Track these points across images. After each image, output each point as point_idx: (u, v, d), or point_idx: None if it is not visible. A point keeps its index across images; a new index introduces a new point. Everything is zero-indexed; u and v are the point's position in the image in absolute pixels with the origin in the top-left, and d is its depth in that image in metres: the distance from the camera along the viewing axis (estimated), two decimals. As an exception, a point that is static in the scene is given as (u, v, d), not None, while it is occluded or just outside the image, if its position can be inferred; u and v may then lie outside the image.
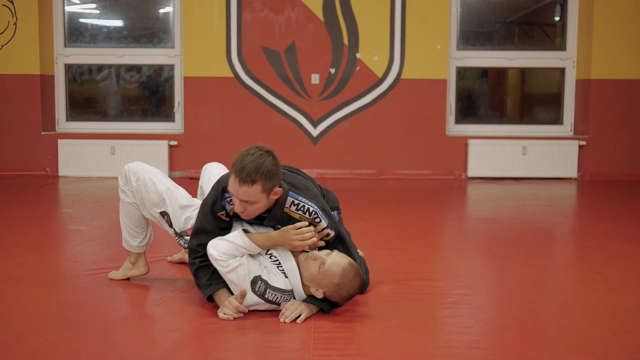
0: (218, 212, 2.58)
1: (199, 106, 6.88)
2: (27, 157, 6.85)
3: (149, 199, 2.80)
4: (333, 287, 2.46)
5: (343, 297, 2.50)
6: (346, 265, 2.48)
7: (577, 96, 7.08)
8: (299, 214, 2.57)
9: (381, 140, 6.94)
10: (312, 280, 2.49)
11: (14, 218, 4.55)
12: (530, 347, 2.25)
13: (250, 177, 2.39)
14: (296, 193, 2.58)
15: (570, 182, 6.78)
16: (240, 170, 2.40)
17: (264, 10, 6.81)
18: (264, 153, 2.45)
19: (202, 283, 2.58)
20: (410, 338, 2.33)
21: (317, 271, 2.47)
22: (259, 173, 2.40)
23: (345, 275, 2.46)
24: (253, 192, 2.42)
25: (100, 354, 2.20)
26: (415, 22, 6.83)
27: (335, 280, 2.45)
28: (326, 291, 2.48)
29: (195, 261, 2.60)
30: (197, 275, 2.60)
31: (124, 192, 2.86)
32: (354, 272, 2.48)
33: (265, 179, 2.41)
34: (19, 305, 2.65)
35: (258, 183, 2.40)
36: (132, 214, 2.89)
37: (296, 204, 2.56)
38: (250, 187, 2.40)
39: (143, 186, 2.81)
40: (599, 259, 3.53)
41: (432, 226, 4.56)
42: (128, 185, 2.84)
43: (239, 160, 2.43)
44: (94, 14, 7.21)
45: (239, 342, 2.32)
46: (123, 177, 2.86)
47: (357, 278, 2.49)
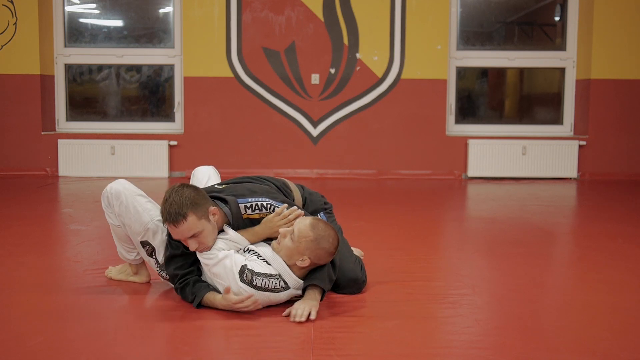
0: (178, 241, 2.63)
1: (199, 106, 6.88)
2: (27, 157, 6.85)
3: (131, 227, 2.73)
4: (312, 245, 2.49)
5: (327, 250, 2.51)
6: (311, 220, 2.55)
7: (577, 96, 7.08)
8: (257, 214, 2.66)
9: (381, 140, 6.94)
10: (292, 254, 2.51)
11: (14, 218, 4.55)
12: (530, 347, 2.25)
13: (180, 214, 2.48)
14: (243, 198, 2.66)
15: (570, 182, 6.78)
16: (168, 215, 2.50)
17: (264, 10, 6.81)
18: (178, 189, 2.54)
19: (189, 297, 2.63)
20: (410, 338, 2.33)
21: (292, 242, 2.51)
22: (184, 206, 2.48)
23: (315, 227, 2.51)
24: (192, 225, 2.50)
25: (100, 354, 2.19)
26: (415, 22, 6.83)
27: (310, 237, 2.49)
28: (310, 254, 2.50)
29: (176, 285, 2.67)
30: (183, 294, 2.66)
31: (107, 214, 2.80)
32: (321, 223, 2.55)
33: (193, 208, 2.50)
34: (19, 305, 2.65)
35: (190, 214, 2.49)
36: (121, 234, 2.82)
37: (249, 206, 2.65)
38: (185, 222, 2.49)
39: (125, 213, 2.72)
40: (599, 259, 3.53)
41: (432, 226, 4.56)
42: (110, 208, 2.76)
43: (162, 209, 2.53)
44: (94, 14, 7.21)
45: (239, 342, 2.32)
46: (105, 199, 2.76)
47: (328, 227, 2.54)
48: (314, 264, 2.55)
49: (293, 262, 2.53)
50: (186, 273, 2.65)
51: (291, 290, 2.56)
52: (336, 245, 2.55)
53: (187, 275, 2.65)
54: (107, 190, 2.76)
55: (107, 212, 2.80)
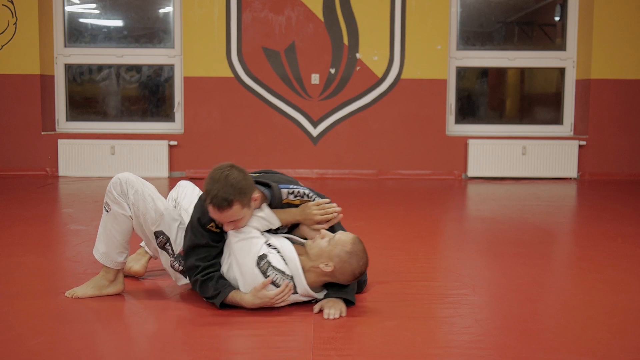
0: (207, 224, 2.59)
1: (199, 106, 6.88)
2: (27, 157, 6.85)
3: (146, 216, 2.66)
4: (345, 256, 2.49)
5: (353, 269, 2.51)
6: (355, 237, 2.57)
7: (577, 96, 7.08)
8: (298, 199, 2.69)
9: (381, 140, 6.94)
10: (321, 255, 2.52)
11: (14, 218, 4.55)
12: (530, 347, 2.25)
13: (227, 201, 2.46)
14: (285, 185, 2.69)
15: (570, 182, 6.78)
16: (214, 199, 2.46)
17: (264, 10, 6.81)
18: (227, 171, 2.50)
19: (211, 294, 2.56)
20: (410, 338, 2.33)
21: (327, 244, 2.53)
22: (233, 194, 2.46)
23: (356, 244, 2.53)
24: (235, 212, 2.49)
25: (100, 354, 2.19)
26: (415, 22, 6.83)
27: (347, 248, 2.50)
28: (336, 263, 2.49)
29: (197, 277, 2.58)
30: (203, 288, 2.58)
31: (118, 203, 2.65)
32: (362, 245, 2.55)
33: (240, 196, 2.48)
34: (19, 305, 2.64)
35: (235, 203, 2.47)
36: (125, 227, 2.69)
37: (291, 192, 2.68)
38: (230, 209, 2.47)
39: (141, 201, 2.66)
40: (599, 259, 3.53)
41: (432, 226, 4.56)
42: (124, 197, 2.65)
43: (208, 190, 2.48)
44: (94, 14, 7.21)
45: (240, 342, 2.32)
46: (118, 188, 2.66)
47: (365, 253, 2.55)
48: (333, 276, 2.54)
49: (316, 265, 2.52)
50: (209, 266, 2.59)
51: (297, 296, 2.56)
52: (362, 272, 2.55)
53: (210, 269, 2.58)
54: (119, 179, 2.67)
55: (119, 202, 2.65)
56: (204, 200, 2.55)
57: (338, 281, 2.56)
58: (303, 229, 2.73)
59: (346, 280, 2.55)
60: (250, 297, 2.52)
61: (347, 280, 2.55)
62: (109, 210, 2.69)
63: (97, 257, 2.75)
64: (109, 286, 2.76)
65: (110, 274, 2.75)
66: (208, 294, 2.57)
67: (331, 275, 2.53)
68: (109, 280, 2.75)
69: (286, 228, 2.76)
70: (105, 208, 2.70)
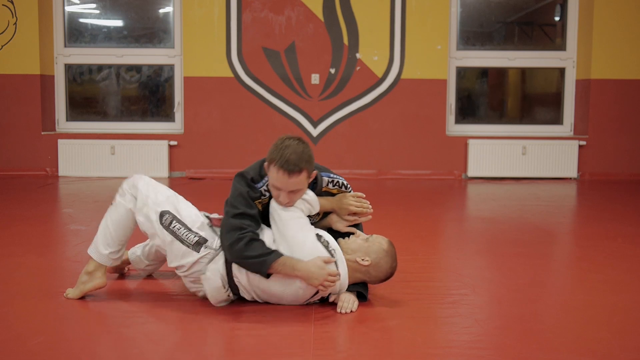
0: (256, 199, 2.59)
1: (199, 106, 6.88)
2: (27, 157, 6.85)
3: (154, 199, 2.65)
4: (382, 254, 2.59)
5: (386, 268, 2.59)
6: (389, 240, 2.66)
7: (577, 96, 7.08)
8: (336, 189, 2.76)
9: (381, 140, 6.94)
10: (360, 250, 2.60)
11: (14, 218, 4.55)
12: (530, 347, 2.25)
13: (298, 167, 2.49)
14: (326, 173, 2.75)
15: (570, 182, 6.78)
16: (287, 163, 2.48)
17: (264, 10, 6.81)
18: (298, 141, 2.55)
19: (260, 252, 2.46)
20: (410, 338, 2.33)
21: (364, 241, 2.61)
22: (303, 161, 2.50)
23: (391, 246, 2.63)
24: (301, 180, 2.53)
25: (100, 354, 2.20)
26: (415, 22, 6.83)
27: (384, 247, 2.61)
28: (373, 259, 2.58)
29: (245, 234, 2.48)
30: (252, 247, 2.47)
31: (123, 195, 2.70)
32: (394, 248, 2.65)
33: (308, 165, 2.53)
34: (19, 305, 2.64)
35: (304, 171, 2.52)
36: (121, 219, 2.68)
37: (331, 180, 2.75)
38: (299, 176, 2.51)
39: (151, 188, 2.69)
40: (599, 259, 3.53)
41: (432, 226, 4.56)
42: (132, 188, 2.70)
43: (279, 154, 2.49)
44: (94, 14, 7.21)
45: (239, 342, 2.32)
46: (129, 182, 2.73)
47: (396, 261, 2.64)
48: (367, 273, 2.59)
49: (353, 259, 2.58)
50: (253, 231, 2.53)
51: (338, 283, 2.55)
52: (393, 273, 2.65)
53: (254, 234, 2.52)
54: (134, 176, 2.75)
55: (125, 194, 2.69)
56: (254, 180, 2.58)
57: (369, 279, 2.62)
58: (333, 219, 2.76)
59: (377, 279, 2.63)
60: (307, 264, 2.47)
61: (378, 279, 2.63)
62: (112, 203, 2.73)
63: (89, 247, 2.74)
64: (88, 281, 2.70)
65: (90, 266, 2.70)
66: (257, 252, 2.46)
67: (365, 271, 2.59)
68: (87, 273, 2.70)
69: (318, 216, 2.77)
70: (112, 202, 2.74)
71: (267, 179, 2.60)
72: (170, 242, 2.61)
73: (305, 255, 2.50)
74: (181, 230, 2.60)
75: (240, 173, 2.63)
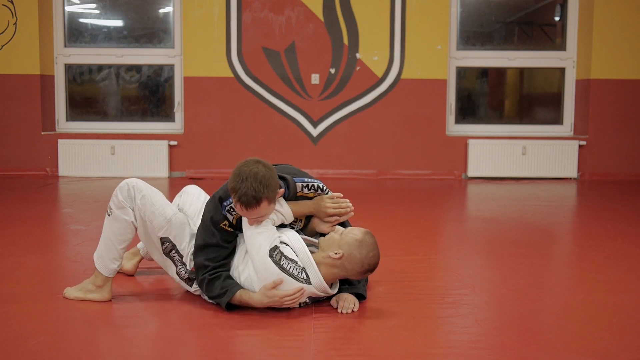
0: (220, 222, 2.58)
1: (199, 106, 6.88)
2: (27, 157, 6.85)
3: (152, 222, 2.64)
4: (354, 244, 2.52)
5: (362, 258, 2.51)
6: (367, 230, 2.59)
7: (577, 96, 7.08)
8: (312, 192, 2.72)
9: (381, 140, 6.94)
10: (332, 245, 2.55)
11: (14, 218, 4.55)
12: (530, 347, 2.25)
13: (256, 200, 2.45)
14: (299, 178, 2.71)
15: (570, 182, 6.78)
16: (244, 196, 2.44)
17: (264, 10, 6.81)
18: (254, 168, 2.47)
19: (217, 292, 2.54)
20: (410, 338, 2.33)
21: (339, 236, 2.57)
22: (260, 192, 2.44)
23: (367, 235, 2.56)
24: (263, 209, 2.49)
25: (101, 354, 2.19)
26: (415, 22, 6.83)
27: (357, 237, 2.54)
28: (345, 250, 2.51)
29: (204, 276, 2.56)
30: (210, 287, 2.55)
31: (122, 208, 2.63)
32: (373, 239, 2.57)
33: (268, 192, 2.47)
34: (19, 305, 2.64)
35: (263, 201, 2.47)
36: (124, 232, 2.65)
37: (305, 185, 2.70)
38: (258, 207, 2.47)
39: (149, 206, 2.63)
40: (599, 259, 3.53)
41: (432, 226, 4.56)
42: (130, 201, 2.63)
43: (237, 188, 2.45)
44: (94, 14, 7.21)
45: (240, 342, 2.32)
46: (124, 192, 2.63)
47: (376, 246, 2.57)
48: (343, 267, 2.53)
49: (327, 254, 2.53)
50: (218, 266, 2.56)
51: (311, 287, 2.53)
52: (372, 263, 2.55)
53: (219, 269, 2.56)
54: (127, 184, 2.64)
55: (123, 206, 2.63)
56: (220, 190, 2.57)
57: (348, 273, 2.55)
58: (315, 222, 2.75)
59: (356, 272, 2.54)
60: (259, 295, 2.50)
61: (357, 272, 2.55)
62: (110, 214, 2.66)
63: (94, 258, 2.71)
64: (95, 291, 2.69)
65: (98, 279, 2.68)
66: (214, 293, 2.54)
67: (340, 264, 2.52)
68: (95, 285, 2.69)
69: (301, 222, 2.76)
70: (107, 212, 2.67)
71: None
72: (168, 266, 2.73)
73: (261, 279, 2.51)
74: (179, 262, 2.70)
75: (213, 195, 2.63)
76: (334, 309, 2.61)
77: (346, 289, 2.66)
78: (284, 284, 2.49)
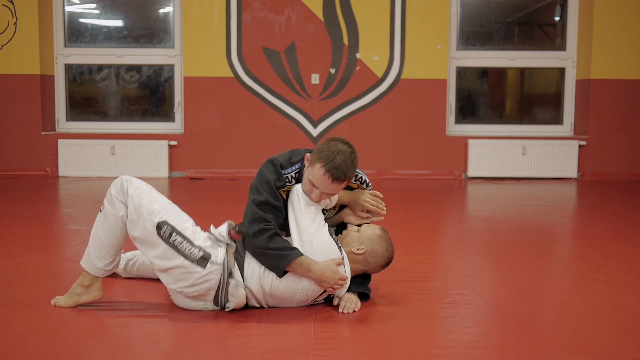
0: (281, 188, 2.58)
1: (199, 106, 6.88)
2: (27, 157, 6.85)
3: (148, 207, 2.49)
4: (376, 239, 2.60)
5: (383, 253, 2.59)
6: (381, 227, 2.66)
7: (577, 96, 7.08)
8: (357, 184, 2.75)
9: (381, 140, 6.94)
10: (353, 241, 2.61)
11: (14, 218, 4.55)
12: (530, 347, 2.25)
13: (345, 175, 2.50)
14: None
15: (570, 182, 6.78)
16: (336, 169, 2.46)
17: (264, 10, 6.81)
18: (350, 148, 2.53)
19: (285, 247, 2.44)
20: (410, 338, 2.33)
21: (357, 233, 2.62)
22: (350, 170, 2.50)
23: (384, 231, 2.65)
24: (341, 187, 2.54)
25: (100, 354, 2.19)
26: (415, 22, 6.83)
27: (377, 232, 2.62)
28: (368, 245, 2.58)
29: (269, 227, 2.45)
30: (275, 240, 2.45)
31: (112, 203, 2.52)
32: (388, 234, 2.65)
33: (353, 173, 2.54)
34: (19, 306, 2.64)
35: (348, 179, 2.52)
36: (112, 229, 2.53)
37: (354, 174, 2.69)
38: (342, 183, 2.52)
39: (145, 195, 2.52)
40: (599, 259, 3.53)
41: (432, 226, 4.56)
42: (122, 195, 2.52)
43: (330, 156, 2.47)
44: (94, 14, 7.21)
45: (240, 342, 2.32)
46: (118, 186, 2.54)
47: (392, 245, 2.64)
48: (365, 262, 2.59)
49: (349, 250, 2.59)
50: (276, 224, 2.51)
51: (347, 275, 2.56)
52: (391, 258, 2.64)
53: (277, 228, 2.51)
54: (121, 179, 2.56)
55: (114, 201, 2.51)
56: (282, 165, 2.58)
57: (370, 267, 2.61)
58: (346, 213, 2.77)
59: (378, 265, 2.62)
60: (323, 266, 2.47)
61: (379, 265, 2.62)
62: (101, 211, 2.57)
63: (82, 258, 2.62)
64: (84, 294, 2.60)
65: (86, 279, 2.59)
66: (280, 245, 2.44)
67: (363, 259, 2.59)
68: (83, 286, 2.60)
69: (334, 210, 2.77)
70: (100, 209, 2.59)
71: (296, 167, 2.60)
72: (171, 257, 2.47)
73: (315, 249, 2.50)
74: (183, 244, 2.47)
75: (270, 159, 2.63)
76: (335, 307, 2.61)
77: (352, 287, 2.65)
78: (340, 267, 2.53)
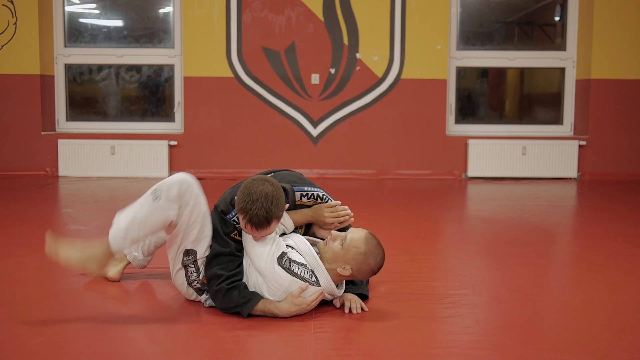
0: (231, 233, 2.56)
1: (199, 106, 6.88)
2: (27, 157, 6.85)
3: (190, 232, 2.51)
4: (360, 258, 2.49)
5: (371, 267, 2.52)
6: (367, 233, 2.56)
7: (577, 96, 7.08)
8: (311, 201, 2.71)
9: (381, 140, 6.94)
10: (337, 259, 2.51)
11: (14, 218, 4.55)
12: (530, 347, 2.25)
13: (267, 221, 2.43)
14: (299, 187, 2.69)
15: (570, 182, 6.78)
16: (255, 217, 2.41)
17: (264, 10, 6.81)
18: (263, 187, 2.43)
19: (237, 302, 2.48)
20: (410, 338, 2.33)
21: (341, 247, 2.51)
22: (272, 212, 2.42)
23: (369, 242, 2.52)
24: (272, 228, 2.48)
25: (101, 354, 2.19)
26: (415, 22, 6.83)
27: (361, 249, 2.49)
28: (353, 265, 2.49)
29: (221, 285, 2.49)
30: (228, 297, 2.49)
31: (171, 201, 2.44)
32: (375, 240, 2.55)
33: (278, 211, 2.45)
34: (19, 305, 2.64)
35: (273, 221, 2.45)
36: (157, 224, 2.47)
37: (305, 194, 2.69)
38: (269, 226, 2.46)
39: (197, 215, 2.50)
40: (599, 259, 3.53)
41: (432, 226, 4.56)
42: (180, 200, 2.46)
43: (247, 208, 2.40)
44: (94, 14, 7.21)
45: (240, 342, 2.32)
46: (183, 189, 2.46)
47: (380, 247, 2.55)
48: (352, 277, 2.56)
49: (334, 268, 2.51)
50: (233, 274, 2.52)
51: (320, 289, 2.51)
52: (381, 265, 2.56)
53: (234, 277, 2.51)
54: (189, 184, 2.48)
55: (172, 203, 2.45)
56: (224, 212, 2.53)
57: (357, 278, 2.59)
58: (315, 229, 2.75)
59: (366, 276, 2.59)
60: (286, 304, 2.47)
61: (367, 276, 2.59)
62: (157, 199, 2.44)
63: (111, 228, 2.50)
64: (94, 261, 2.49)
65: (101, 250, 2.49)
66: (233, 303, 2.48)
67: (350, 276, 2.54)
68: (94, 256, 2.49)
69: (301, 229, 2.75)
70: (155, 195, 2.44)
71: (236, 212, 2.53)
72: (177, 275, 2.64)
73: (273, 288, 2.47)
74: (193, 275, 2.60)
75: (215, 205, 2.60)
76: (337, 308, 2.61)
77: (349, 289, 2.66)
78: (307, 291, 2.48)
